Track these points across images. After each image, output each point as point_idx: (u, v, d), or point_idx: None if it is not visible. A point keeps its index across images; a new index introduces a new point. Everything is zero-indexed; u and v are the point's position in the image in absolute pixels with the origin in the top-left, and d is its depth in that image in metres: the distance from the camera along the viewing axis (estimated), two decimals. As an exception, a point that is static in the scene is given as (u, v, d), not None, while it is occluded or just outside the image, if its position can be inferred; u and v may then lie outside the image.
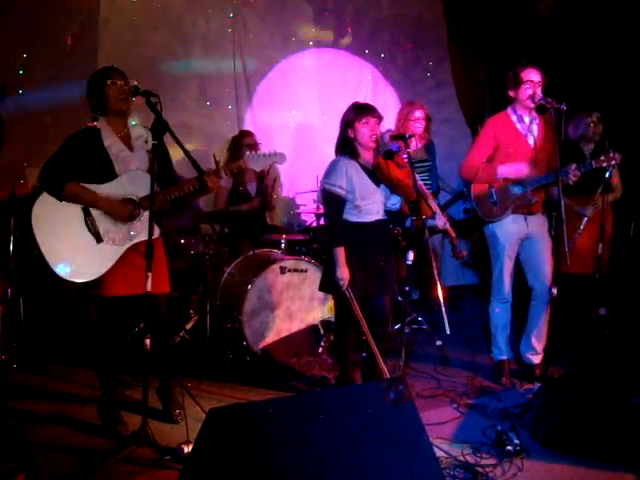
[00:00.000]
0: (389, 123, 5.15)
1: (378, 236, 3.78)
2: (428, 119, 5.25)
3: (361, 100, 3.98)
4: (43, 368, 4.41)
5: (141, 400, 3.23)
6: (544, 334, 4.26)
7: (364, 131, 3.67)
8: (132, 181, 3.34)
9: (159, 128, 3.16)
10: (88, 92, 3.40)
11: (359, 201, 3.69)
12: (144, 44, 5.69)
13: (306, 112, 6.54)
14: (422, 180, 4.89)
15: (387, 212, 3.84)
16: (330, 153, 3.91)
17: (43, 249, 3.25)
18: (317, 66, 6.64)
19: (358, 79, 6.80)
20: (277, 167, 5.56)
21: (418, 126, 5.15)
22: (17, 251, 4.53)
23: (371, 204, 3.72)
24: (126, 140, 3.42)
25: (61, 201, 3.28)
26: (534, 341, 4.28)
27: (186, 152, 3.22)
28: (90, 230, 3.31)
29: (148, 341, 3.16)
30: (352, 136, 3.71)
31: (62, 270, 3.27)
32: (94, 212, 3.32)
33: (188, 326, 4.80)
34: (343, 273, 3.63)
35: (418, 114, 5.15)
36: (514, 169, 4.12)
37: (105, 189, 3.33)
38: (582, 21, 6.17)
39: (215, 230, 5.42)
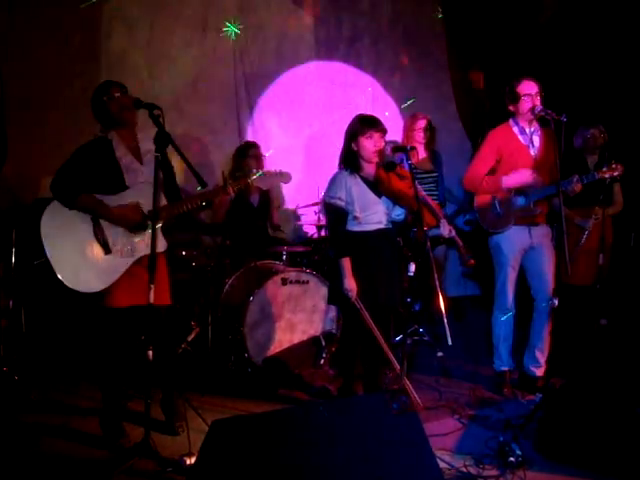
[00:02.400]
0: (389, 134, 5.18)
1: (380, 245, 3.78)
2: (432, 128, 5.31)
3: (361, 112, 3.99)
4: (45, 380, 4.40)
5: (142, 412, 3.25)
6: (547, 346, 4.26)
7: (367, 145, 3.68)
8: (140, 193, 3.38)
9: (162, 141, 3.19)
10: (92, 110, 3.47)
11: (359, 212, 3.70)
12: (145, 56, 5.73)
13: (307, 124, 6.56)
14: (429, 191, 4.92)
15: (392, 223, 3.85)
16: (331, 164, 3.93)
17: (51, 259, 3.28)
18: (318, 79, 6.66)
19: (358, 91, 6.82)
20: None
21: (421, 134, 5.21)
22: (19, 262, 4.54)
23: (372, 215, 3.74)
24: (136, 153, 3.47)
25: (72, 210, 3.32)
26: (538, 354, 4.28)
27: (189, 164, 3.24)
28: (99, 241, 3.35)
29: (150, 353, 3.17)
30: (355, 149, 3.72)
31: (70, 280, 3.29)
32: (103, 223, 3.36)
33: (190, 338, 4.78)
34: (350, 284, 3.64)
35: (420, 124, 5.22)
36: (518, 176, 4.14)
37: (114, 200, 3.37)
38: (583, 31, 6.19)
39: (216, 242, 5.42)
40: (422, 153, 5.32)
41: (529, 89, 4.10)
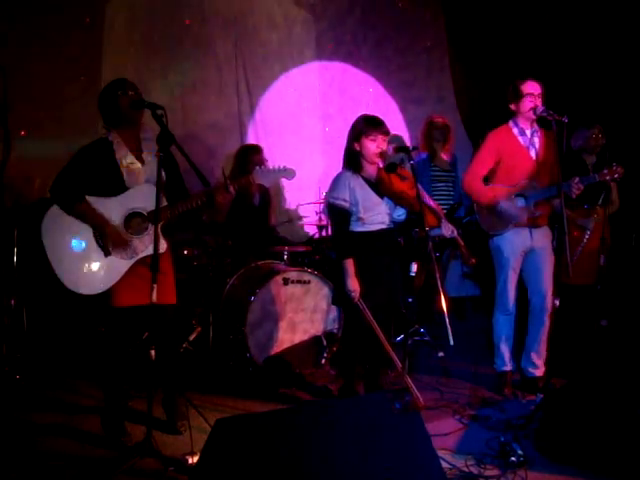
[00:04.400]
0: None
1: (383, 245, 3.79)
2: (448, 130, 5.37)
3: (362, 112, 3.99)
4: (46, 379, 4.41)
5: (144, 411, 3.25)
6: (544, 348, 4.26)
7: (370, 147, 3.69)
8: (141, 195, 3.37)
9: (165, 140, 3.19)
10: (100, 104, 3.45)
11: (362, 213, 3.71)
12: (146, 60, 5.73)
13: (308, 124, 6.58)
14: (446, 190, 4.95)
15: (394, 223, 3.86)
16: (332, 164, 3.94)
17: (52, 261, 3.29)
18: (319, 79, 6.69)
19: (360, 91, 6.84)
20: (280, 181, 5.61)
21: (438, 133, 5.25)
22: (21, 262, 4.54)
23: (375, 215, 3.74)
24: (137, 152, 3.45)
25: (69, 215, 3.34)
26: (534, 356, 4.28)
27: (192, 164, 3.24)
28: (99, 243, 3.35)
29: (153, 352, 3.18)
30: (358, 149, 3.73)
31: (70, 283, 3.30)
32: None
33: (191, 337, 4.80)
34: (353, 285, 3.64)
35: (437, 123, 5.31)
36: (513, 210, 4.14)
37: (114, 202, 3.36)
38: (583, 32, 6.22)
39: (217, 242, 5.43)
40: (443, 154, 5.38)
41: (532, 89, 4.11)
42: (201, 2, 6.07)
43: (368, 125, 3.72)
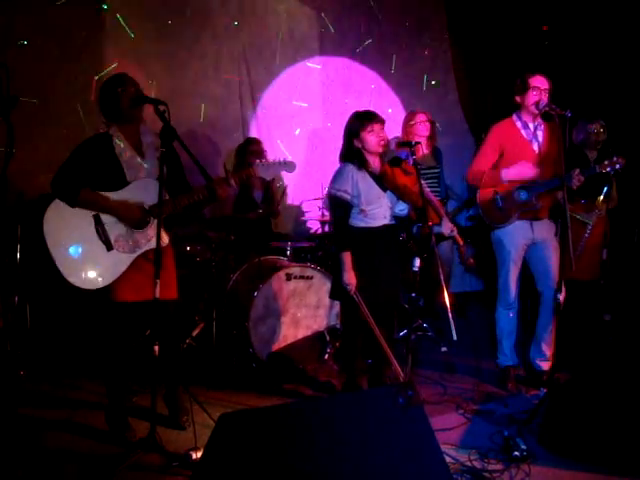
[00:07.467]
0: (393, 131, 5.18)
1: (385, 241, 3.78)
2: (432, 123, 5.29)
3: (366, 108, 3.99)
4: (50, 375, 4.42)
5: (148, 406, 3.25)
6: (553, 339, 4.25)
7: (371, 139, 3.69)
8: (142, 189, 3.37)
9: (167, 136, 3.19)
10: (100, 99, 3.44)
11: (365, 206, 3.70)
12: (146, 53, 5.72)
13: (310, 119, 6.57)
14: (431, 187, 4.92)
15: (395, 218, 3.86)
16: (334, 160, 3.93)
17: (55, 257, 3.29)
18: (321, 74, 6.67)
19: (362, 87, 6.83)
20: (282, 175, 5.61)
21: (422, 128, 5.18)
22: (23, 258, 4.55)
23: (377, 209, 3.74)
24: (137, 147, 3.45)
25: (74, 207, 3.32)
26: (544, 347, 4.28)
27: (195, 160, 3.25)
28: (101, 238, 3.35)
29: (157, 347, 3.18)
30: (359, 146, 3.72)
31: (73, 278, 3.30)
32: (105, 220, 3.36)
33: (194, 333, 4.80)
34: (350, 278, 3.64)
35: (421, 117, 5.21)
36: (518, 168, 4.14)
37: (115, 196, 3.36)
38: (585, 28, 6.20)
39: (220, 237, 5.43)
40: (425, 149, 5.31)
41: (540, 83, 4.12)
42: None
43: (363, 119, 3.73)
